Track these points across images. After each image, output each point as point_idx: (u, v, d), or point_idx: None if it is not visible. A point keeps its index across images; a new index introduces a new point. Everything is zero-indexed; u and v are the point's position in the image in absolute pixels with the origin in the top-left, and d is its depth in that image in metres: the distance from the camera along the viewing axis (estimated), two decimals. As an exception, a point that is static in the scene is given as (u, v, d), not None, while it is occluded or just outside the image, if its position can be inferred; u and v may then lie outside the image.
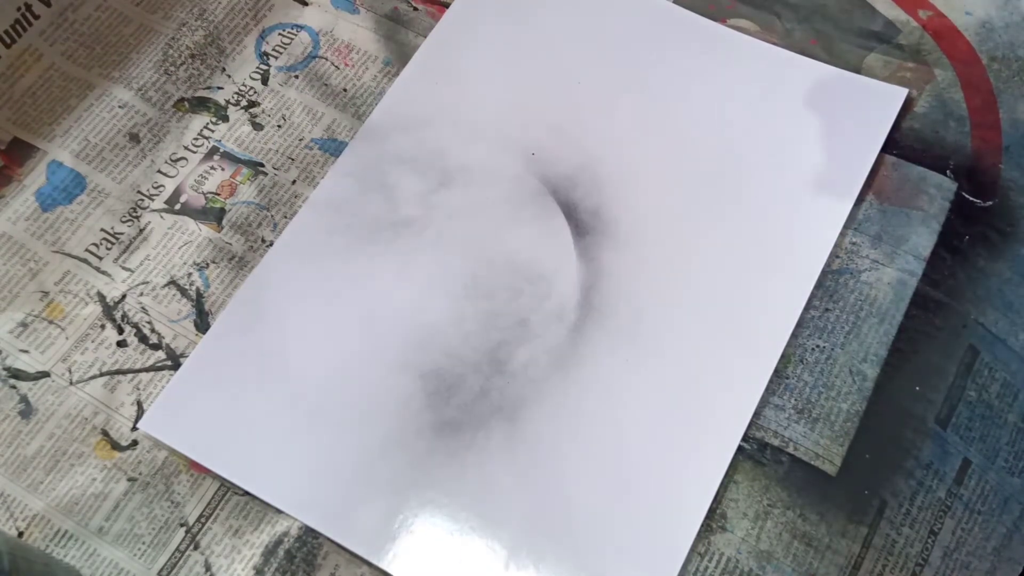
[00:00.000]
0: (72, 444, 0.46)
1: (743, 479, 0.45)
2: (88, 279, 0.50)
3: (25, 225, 0.51)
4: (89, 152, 0.53)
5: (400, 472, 0.45)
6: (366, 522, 0.44)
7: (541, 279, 0.49)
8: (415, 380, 0.47)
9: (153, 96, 0.54)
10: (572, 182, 0.51)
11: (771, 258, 0.49)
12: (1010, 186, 0.52)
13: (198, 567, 0.44)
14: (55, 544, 0.44)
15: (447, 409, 0.46)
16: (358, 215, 0.51)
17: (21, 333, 0.48)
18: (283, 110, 0.54)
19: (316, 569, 0.43)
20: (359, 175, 0.52)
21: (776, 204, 0.50)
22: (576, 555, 0.43)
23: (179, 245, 0.51)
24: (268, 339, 0.48)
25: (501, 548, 0.43)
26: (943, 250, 0.50)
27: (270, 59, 0.56)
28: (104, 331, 0.48)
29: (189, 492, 0.45)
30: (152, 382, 0.47)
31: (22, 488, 0.45)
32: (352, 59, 0.56)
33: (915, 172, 0.51)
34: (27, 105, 0.54)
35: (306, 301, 0.49)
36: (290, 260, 0.50)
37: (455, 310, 0.48)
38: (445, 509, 0.44)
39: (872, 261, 0.49)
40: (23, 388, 0.47)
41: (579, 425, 0.45)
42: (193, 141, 0.53)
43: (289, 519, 0.44)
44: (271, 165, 0.53)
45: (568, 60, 0.54)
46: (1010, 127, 0.53)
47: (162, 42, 0.56)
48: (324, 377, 0.47)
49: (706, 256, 0.49)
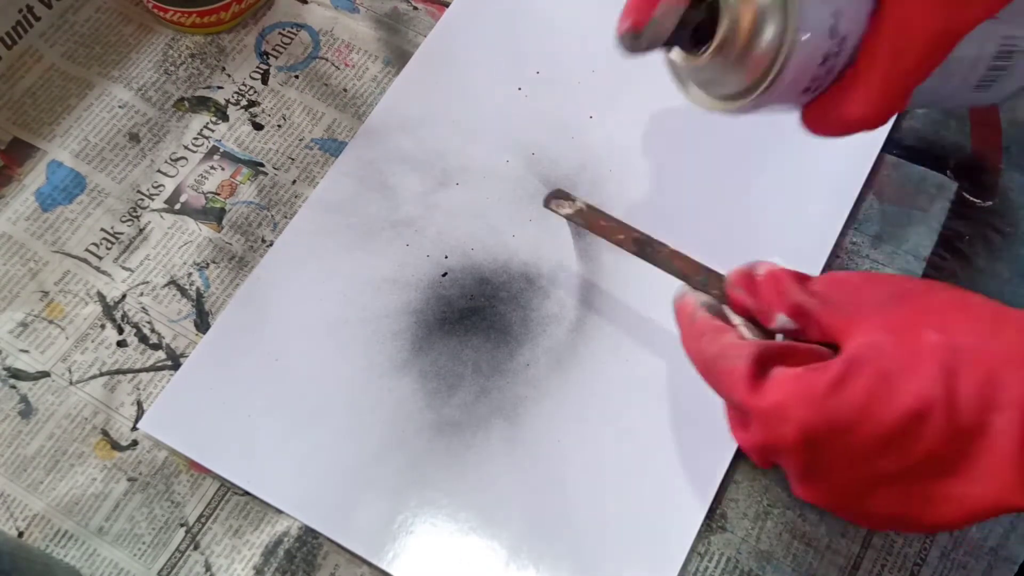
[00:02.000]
0: (72, 444, 0.46)
1: (743, 479, 0.45)
2: (88, 279, 0.50)
3: (25, 225, 0.51)
4: (89, 152, 0.53)
5: (400, 472, 0.45)
6: (366, 522, 0.44)
7: (541, 279, 0.49)
8: (415, 380, 0.47)
9: (153, 96, 0.54)
10: (572, 182, 0.51)
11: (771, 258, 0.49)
12: (1010, 186, 0.52)
13: (198, 567, 0.44)
14: (55, 544, 0.44)
15: (447, 409, 0.46)
16: (358, 215, 0.51)
17: (21, 333, 0.48)
18: (283, 110, 0.54)
19: (316, 569, 0.43)
20: (359, 175, 0.52)
21: (776, 204, 0.50)
22: (576, 555, 0.43)
23: (179, 245, 0.51)
24: (268, 339, 0.48)
25: (501, 548, 0.43)
26: (943, 250, 0.50)
27: (270, 59, 0.56)
28: (104, 331, 0.48)
29: (189, 492, 0.45)
30: (152, 382, 0.47)
31: (22, 488, 0.45)
32: (352, 59, 0.56)
33: (915, 172, 0.51)
34: (27, 105, 0.54)
35: (306, 301, 0.49)
36: (290, 260, 0.50)
37: (455, 310, 0.48)
38: (445, 509, 0.44)
39: (872, 261, 0.49)
40: (23, 388, 0.47)
41: (579, 425, 0.45)
42: (193, 141, 0.53)
43: (289, 519, 0.44)
44: (271, 165, 0.53)
45: (568, 60, 0.54)
46: (1010, 127, 0.53)
47: (162, 42, 0.56)
48: (324, 377, 0.47)
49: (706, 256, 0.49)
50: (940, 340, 0.31)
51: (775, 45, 0.37)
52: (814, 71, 0.38)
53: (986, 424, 0.30)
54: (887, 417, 0.31)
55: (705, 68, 0.39)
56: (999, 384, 0.30)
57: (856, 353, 0.32)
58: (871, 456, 0.32)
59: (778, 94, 0.38)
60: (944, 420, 0.31)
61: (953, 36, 0.37)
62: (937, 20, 0.36)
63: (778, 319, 0.37)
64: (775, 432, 0.33)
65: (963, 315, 0.32)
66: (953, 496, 0.31)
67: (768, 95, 0.38)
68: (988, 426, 0.30)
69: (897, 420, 0.31)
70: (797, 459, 0.33)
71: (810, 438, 0.32)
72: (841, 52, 0.37)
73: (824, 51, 0.37)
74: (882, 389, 0.31)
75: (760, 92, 0.38)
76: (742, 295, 0.38)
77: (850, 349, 0.33)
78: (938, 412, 0.31)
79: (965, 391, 0.31)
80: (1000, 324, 0.32)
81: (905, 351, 0.32)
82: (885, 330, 0.33)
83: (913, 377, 0.31)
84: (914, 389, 0.31)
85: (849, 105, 0.38)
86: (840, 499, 0.34)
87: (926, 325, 0.32)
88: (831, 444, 0.32)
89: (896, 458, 0.32)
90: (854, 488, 0.33)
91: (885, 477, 0.32)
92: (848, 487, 0.33)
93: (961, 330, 0.32)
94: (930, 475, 0.31)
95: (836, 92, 0.39)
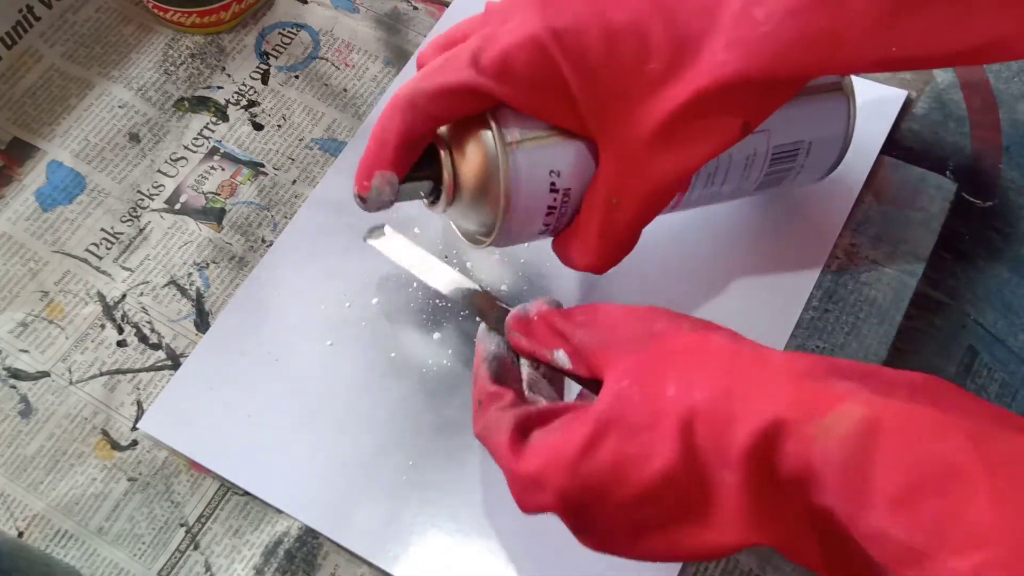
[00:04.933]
0: (72, 444, 0.46)
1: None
2: (88, 279, 0.50)
3: (25, 225, 0.51)
4: (89, 152, 0.53)
5: (400, 472, 0.45)
6: (366, 522, 0.44)
7: (541, 278, 0.49)
8: (415, 380, 0.47)
9: (153, 96, 0.54)
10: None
11: (771, 258, 0.49)
12: (1010, 186, 0.52)
13: (198, 567, 0.44)
14: (55, 544, 0.44)
15: (447, 409, 0.46)
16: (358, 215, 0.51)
17: (21, 333, 0.48)
18: (283, 110, 0.54)
19: (316, 569, 0.43)
20: (359, 175, 0.52)
21: (776, 205, 0.50)
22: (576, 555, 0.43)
23: (179, 245, 0.51)
24: (268, 339, 0.48)
25: (501, 548, 0.43)
26: (943, 250, 0.50)
27: (270, 59, 0.56)
28: (104, 331, 0.49)
29: (189, 492, 0.45)
30: (152, 382, 0.47)
31: (22, 488, 0.45)
32: (352, 59, 0.56)
33: (915, 173, 0.51)
34: (27, 105, 0.54)
35: (306, 301, 0.49)
36: (290, 260, 0.50)
37: (455, 309, 0.48)
38: (445, 509, 0.44)
39: (872, 261, 0.49)
40: (23, 388, 0.47)
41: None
42: (193, 141, 0.53)
43: (289, 519, 0.44)
44: (271, 165, 0.53)
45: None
46: (1010, 127, 0.53)
47: (162, 42, 0.56)
48: (324, 377, 0.47)
49: (706, 256, 0.49)
50: (678, 395, 0.33)
51: (493, 203, 0.40)
52: (543, 219, 0.41)
53: (719, 480, 0.32)
54: (637, 480, 0.33)
55: (450, 213, 0.43)
56: (726, 441, 0.32)
57: (603, 410, 0.34)
58: (630, 510, 0.34)
59: (514, 237, 0.42)
60: (686, 478, 0.33)
61: (666, 189, 0.39)
62: (646, 177, 0.39)
63: (555, 356, 0.39)
64: (538, 497, 0.36)
65: (700, 367, 0.34)
66: (706, 540, 0.33)
67: (504, 239, 0.41)
68: (721, 482, 0.32)
69: (645, 483, 0.33)
70: (564, 519, 0.36)
71: (569, 502, 0.35)
72: (568, 202, 0.41)
73: (547, 204, 0.40)
74: (629, 451, 0.34)
75: (494, 237, 0.41)
76: (520, 339, 0.40)
77: (600, 403, 0.35)
78: (679, 472, 0.33)
79: (701, 447, 0.33)
80: (733, 375, 0.33)
81: (648, 407, 0.34)
82: (633, 377, 0.35)
83: (656, 437, 0.33)
84: (658, 452, 0.33)
85: (573, 252, 0.42)
86: (612, 546, 0.36)
87: (668, 376, 0.34)
88: (590, 504, 0.35)
89: (652, 511, 0.34)
90: (622, 536, 0.35)
91: (647, 526, 0.34)
92: (616, 536, 0.35)
93: (698, 384, 0.33)
94: (684, 523, 0.34)
95: (565, 238, 0.42)
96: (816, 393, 0.31)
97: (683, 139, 0.38)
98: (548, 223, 0.41)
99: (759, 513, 0.32)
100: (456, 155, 0.41)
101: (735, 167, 0.43)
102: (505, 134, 0.39)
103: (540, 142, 0.39)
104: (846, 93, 0.44)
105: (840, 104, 0.44)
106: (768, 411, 0.31)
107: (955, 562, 0.28)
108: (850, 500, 0.30)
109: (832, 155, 0.46)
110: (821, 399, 0.31)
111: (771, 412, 0.31)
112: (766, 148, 0.43)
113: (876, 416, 0.30)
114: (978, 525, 0.28)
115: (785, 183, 0.46)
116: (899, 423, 0.30)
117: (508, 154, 0.39)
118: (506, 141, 0.39)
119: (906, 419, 0.30)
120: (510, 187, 0.39)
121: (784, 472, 0.31)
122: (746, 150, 0.42)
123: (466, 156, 0.40)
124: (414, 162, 0.40)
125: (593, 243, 0.40)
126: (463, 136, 0.40)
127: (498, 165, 0.39)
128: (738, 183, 0.44)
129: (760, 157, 0.43)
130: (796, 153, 0.44)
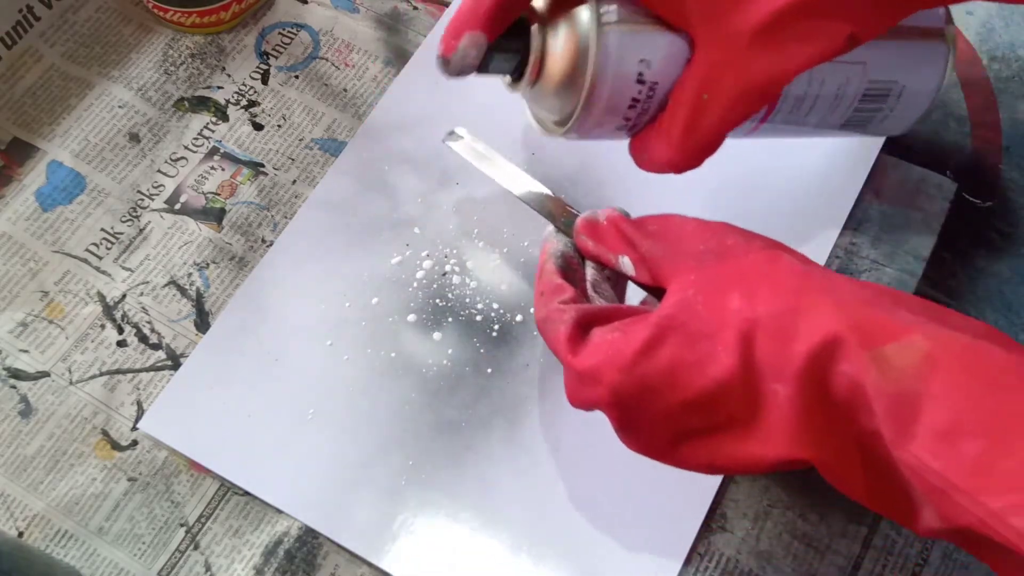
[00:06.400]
0: (72, 444, 0.46)
1: (743, 479, 0.45)
2: (88, 279, 0.50)
3: (25, 225, 0.51)
4: (89, 152, 0.53)
5: (400, 472, 0.45)
6: (366, 522, 0.44)
7: (541, 279, 0.49)
8: (415, 380, 0.47)
9: (153, 96, 0.54)
10: (573, 182, 0.51)
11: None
12: (1010, 186, 0.52)
13: (198, 567, 0.44)
14: (55, 544, 0.44)
15: (447, 409, 0.46)
16: (358, 215, 0.51)
17: (21, 333, 0.48)
18: (283, 110, 0.54)
19: (316, 569, 0.43)
20: (359, 175, 0.52)
21: (776, 204, 0.50)
22: (576, 555, 0.43)
23: (179, 245, 0.51)
24: (268, 339, 0.48)
25: (501, 548, 0.43)
26: (943, 250, 0.50)
27: (270, 59, 0.56)
28: (104, 331, 0.48)
29: (189, 492, 0.45)
30: (152, 382, 0.47)
31: (22, 488, 0.45)
32: (352, 59, 0.56)
33: (915, 172, 0.51)
34: (27, 105, 0.54)
35: (306, 301, 0.49)
36: (290, 260, 0.50)
37: (455, 309, 0.48)
38: (445, 509, 0.44)
39: (872, 261, 0.49)
40: (23, 388, 0.47)
41: (579, 425, 0.45)
42: (193, 141, 0.53)
43: (289, 519, 0.44)
44: (271, 165, 0.53)
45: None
46: (1010, 127, 0.53)
47: (162, 42, 0.56)
48: (324, 377, 0.47)
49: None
50: (741, 307, 0.34)
51: (578, 87, 0.39)
52: (624, 112, 0.40)
53: (772, 393, 0.33)
54: (691, 386, 0.34)
55: (530, 96, 0.42)
56: (784, 356, 0.33)
57: (665, 315, 0.35)
58: (678, 416, 0.35)
59: (590, 129, 0.41)
60: (740, 388, 0.33)
61: (761, 91, 0.38)
62: (742, 75, 0.38)
63: (620, 261, 0.39)
64: (591, 392, 0.36)
65: (767, 283, 0.35)
66: (750, 452, 0.34)
67: (580, 130, 0.41)
68: (773, 395, 0.33)
69: (698, 389, 0.34)
70: (612, 415, 0.37)
71: (621, 399, 0.35)
72: (653, 97, 0.39)
73: (631, 95, 0.39)
74: (687, 357, 0.34)
75: (570, 127, 0.40)
76: (587, 242, 0.40)
77: (662, 309, 0.35)
78: (735, 382, 0.33)
79: (759, 359, 0.33)
80: (799, 295, 0.34)
81: (710, 316, 0.34)
82: (697, 287, 0.35)
83: (715, 346, 0.34)
84: (716, 360, 0.34)
85: (654, 148, 0.41)
86: (653, 449, 0.37)
87: (733, 289, 0.35)
88: (641, 404, 0.35)
89: (700, 419, 0.35)
90: (665, 440, 0.36)
91: (692, 433, 0.35)
92: (660, 439, 0.36)
93: (763, 298, 0.34)
94: (730, 433, 0.34)
95: (646, 134, 0.41)
96: (879, 321, 0.32)
97: (787, 38, 0.37)
98: (629, 118, 0.40)
99: (807, 428, 0.33)
100: (548, 32, 0.39)
101: (824, 98, 0.42)
102: (602, 13, 0.38)
103: (635, 27, 0.38)
104: (948, 42, 0.44)
105: (940, 51, 0.44)
106: (829, 330, 0.32)
107: (987, 499, 0.29)
108: (896, 427, 0.31)
109: (922, 105, 0.45)
110: (883, 327, 0.32)
111: (832, 331, 0.32)
112: (860, 81, 0.42)
113: (938, 352, 0.31)
114: (1017, 473, 0.29)
115: (870, 127, 0.45)
116: (960, 363, 0.31)
117: (602, 33, 0.38)
118: (602, 20, 0.38)
119: (968, 360, 0.31)
120: (597, 68, 0.38)
121: (836, 392, 0.32)
122: (839, 78, 0.42)
123: (558, 33, 0.39)
124: (506, 28, 0.39)
125: (677, 138, 0.39)
126: (558, 12, 0.39)
127: (589, 44, 0.38)
128: (824, 115, 0.43)
129: (852, 90, 0.43)
130: (887, 95, 0.44)
